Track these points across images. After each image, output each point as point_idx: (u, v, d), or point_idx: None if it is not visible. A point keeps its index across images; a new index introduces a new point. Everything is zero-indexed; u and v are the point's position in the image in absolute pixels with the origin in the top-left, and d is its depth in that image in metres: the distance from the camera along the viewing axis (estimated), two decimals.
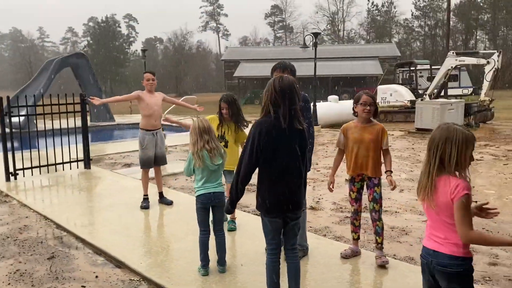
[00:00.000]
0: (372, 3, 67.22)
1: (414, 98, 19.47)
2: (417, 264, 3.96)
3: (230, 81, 39.67)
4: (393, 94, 20.81)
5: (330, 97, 18.08)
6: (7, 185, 7.22)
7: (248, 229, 4.88)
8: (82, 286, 3.74)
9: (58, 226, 5.23)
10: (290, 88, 2.89)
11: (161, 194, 6.08)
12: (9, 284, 3.80)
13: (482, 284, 3.68)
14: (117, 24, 72.69)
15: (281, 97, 2.86)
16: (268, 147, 2.87)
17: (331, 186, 4.07)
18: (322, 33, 73.75)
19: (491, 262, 4.14)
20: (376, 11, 67.98)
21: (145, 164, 5.91)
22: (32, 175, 7.75)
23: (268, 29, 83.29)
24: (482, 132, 13.75)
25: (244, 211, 5.68)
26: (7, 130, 7.45)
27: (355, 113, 3.96)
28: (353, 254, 4.12)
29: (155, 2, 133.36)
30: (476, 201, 2.92)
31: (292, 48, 46.24)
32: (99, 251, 4.46)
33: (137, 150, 10.60)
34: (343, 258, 4.06)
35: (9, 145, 7.54)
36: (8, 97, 7.42)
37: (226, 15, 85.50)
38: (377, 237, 4.00)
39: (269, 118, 2.89)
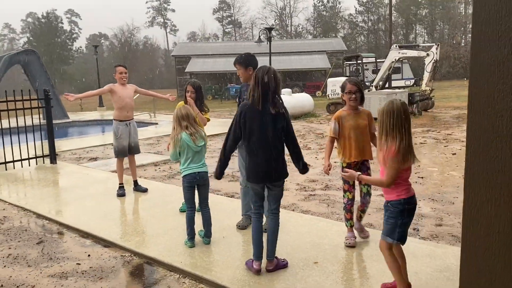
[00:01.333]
0: None
1: None
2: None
3: (181, 77, 39.52)
4: None
5: (284, 90, 18.67)
6: None
7: (224, 209, 5.31)
8: (77, 264, 4.03)
9: (39, 216, 5.41)
10: (263, 77, 3.43)
11: (135, 182, 6.34)
12: (5, 266, 4.01)
13: (430, 240, 4.34)
14: (59, 20, 69.84)
15: (256, 84, 3.45)
16: (246, 125, 3.49)
17: (328, 170, 4.08)
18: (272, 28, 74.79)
19: (437, 223, 4.83)
20: (322, 7, 69.93)
21: (120, 153, 6.14)
22: None
23: (217, 25, 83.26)
24: (425, 119, 14.94)
25: (217, 194, 6.10)
26: None
27: (343, 101, 4.09)
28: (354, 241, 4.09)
29: None
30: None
31: (243, 43, 46.75)
32: (85, 235, 4.73)
33: (100, 145, 10.80)
34: (348, 247, 4.04)
35: None
36: None
37: (173, 10, 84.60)
38: (361, 213, 4.22)
39: (248, 102, 3.51)
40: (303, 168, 3.71)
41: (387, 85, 19.28)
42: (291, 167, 3.74)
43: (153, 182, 6.88)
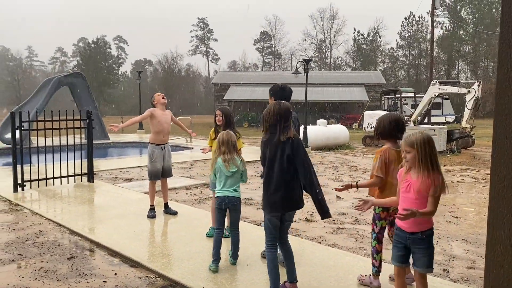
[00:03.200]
0: (358, 32, 69.44)
1: None
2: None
3: (219, 104, 40.28)
4: None
5: (319, 121, 18.74)
6: (14, 195, 7.55)
7: (250, 236, 5.31)
8: (103, 281, 4.13)
9: (72, 232, 5.60)
10: (274, 108, 3.60)
11: (166, 205, 6.46)
12: (35, 279, 4.16)
13: (460, 283, 4.17)
14: (107, 45, 73.39)
15: (266, 114, 3.63)
16: (263, 153, 3.65)
17: (342, 187, 3.89)
18: (311, 60, 75.54)
19: (469, 266, 4.64)
20: (362, 40, 70.11)
21: (153, 176, 6.29)
22: (38, 187, 8.11)
23: (257, 54, 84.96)
24: (464, 157, 14.48)
25: (244, 221, 6.12)
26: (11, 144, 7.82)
27: (377, 136, 4.05)
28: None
29: (145, 24, 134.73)
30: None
31: (281, 73, 47.37)
32: (114, 253, 4.85)
33: (136, 166, 11.10)
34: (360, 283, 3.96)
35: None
36: (20, 113, 7.82)
37: (216, 40, 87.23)
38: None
39: (267, 135, 3.65)
40: (322, 211, 3.52)
41: (426, 121, 18.93)
42: (328, 198, 3.73)
43: (183, 206, 6.99)
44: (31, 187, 8.00)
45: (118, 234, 5.46)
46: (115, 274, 4.30)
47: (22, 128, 7.62)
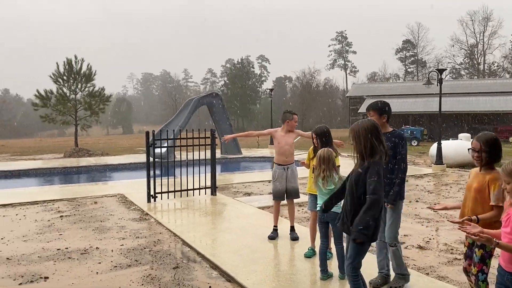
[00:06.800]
0: None
1: None
2: None
3: (354, 117, 39.45)
4: None
5: (461, 135, 16.97)
6: (148, 205, 8.50)
7: None
8: None
9: (184, 243, 6.06)
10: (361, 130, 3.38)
11: (292, 228, 6.21)
12: (142, 285, 4.61)
13: None
14: (251, 65, 78.10)
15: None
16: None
17: (439, 207, 3.68)
18: (459, 67, 69.12)
19: None
20: None
21: (276, 196, 6.20)
22: (168, 198, 9.00)
23: (398, 64, 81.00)
24: None
25: None
26: (151, 159, 8.84)
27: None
28: None
29: (286, 43, 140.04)
30: None
31: (421, 83, 44.27)
32: (214, 266, 5.10)
33: (258, 181, 11.52)
34: None
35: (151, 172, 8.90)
36: (153, 131, 8.86)
37: (354, 52, 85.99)
38: None
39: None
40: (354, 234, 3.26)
41: None
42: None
43: (302, 228, 6.83)
44: (161, 198, 8.92)
45: (222, 247, 5.73)
46: (210, 287, 4.52)
47: (164, 145, 8.61)
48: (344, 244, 4.48)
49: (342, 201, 3.81)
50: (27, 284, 4.61)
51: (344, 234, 4.17)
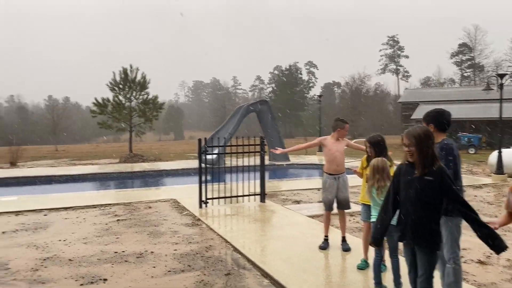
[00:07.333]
0: None
1: None
2: None
3: (406, 124, 38.22)
4: None
5: None
6: (199, 211, 8.67)
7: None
8: None
9: (235, 249, 6.12)
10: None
11: (343, 239, 6.12)
12: None
13: None
14: (298, 71, 77.89)
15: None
16: None
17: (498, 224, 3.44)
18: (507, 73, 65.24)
19: None
20: None
21: (326, 206, 6.12)
22: (218, 204, 9.14)
23: (453, 69, 77.57)
24: None
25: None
26: (203, 165, 9.03)
27: None
28: None
29: (335, 48, 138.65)
30: None
31: (478, 89, 42.31)
32: (265, 274, 5.11)
33: (307, 189, 11.44)
34: None
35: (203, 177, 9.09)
36: (205, 139, 9.06)
37: (407, 57, 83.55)
38: None
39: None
40: None
41: None
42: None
43: (355, 239, 6.71)
44: (212, 204, 9.07)
45: (273, 255, 5.73)
46: None
47: (215, 152, 8.75)
48: (400, 257, 4.37)
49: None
50: (88, 285, 4.83)
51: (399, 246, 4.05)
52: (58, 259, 5.74)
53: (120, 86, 24.62)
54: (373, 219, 4.46)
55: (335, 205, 6.12)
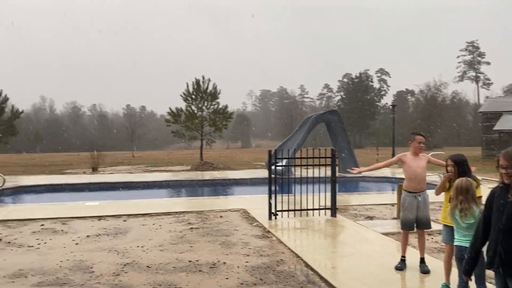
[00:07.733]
0: None
1: None
2: None
3: (488, 135, 35.71)
4: None
5: None
6: (269, 222, 8.69)
7: None
8: None
9: (307, 265, 6.03)
10: None
11: (422, 260, 5.81)
12: None
13: None
14: (369, 79, 75.99)
15: None
16: None
17: None
18: None
19: None
20: None
21: (405, 226, 5.85)
22: (288, 216, 9.11)
23: None
24: None
25: None
26: (272, 176, 9.07)
27: None
28: None
29: (408, 55, 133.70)
30: None
31: None
32: None
33: (380, 204, 11.05)
34: None
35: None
36: (275, 151, 9.11)
37: (488, 63, 78.53)
38: None
39: None
40: None
41: None
42: None
43: (435, 260, 6.34)
44: (282, 216, 9.05)
45: (345, 273, 5.58)
46: None
47: (284, 164, 8.71)
48: (488, 284, 4.07)
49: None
50: None
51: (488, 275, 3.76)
52: (137, 265, 6.02)
53: (193, 96, 25.58)
54: (457, 242, 4.23)
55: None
